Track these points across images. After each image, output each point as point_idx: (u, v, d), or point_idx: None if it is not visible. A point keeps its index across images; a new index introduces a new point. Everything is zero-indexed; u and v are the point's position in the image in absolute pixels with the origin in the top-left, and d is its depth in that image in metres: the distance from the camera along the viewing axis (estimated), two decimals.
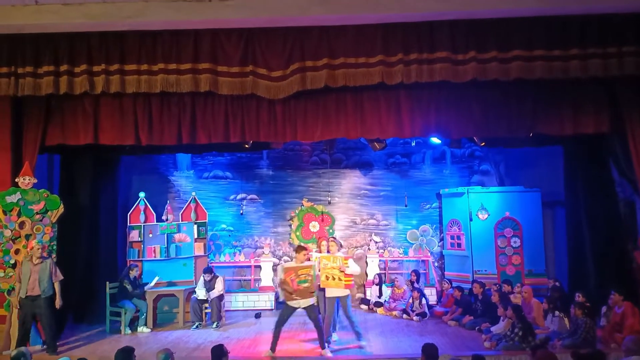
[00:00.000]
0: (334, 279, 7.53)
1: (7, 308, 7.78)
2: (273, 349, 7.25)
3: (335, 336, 7.88)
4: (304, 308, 7.33)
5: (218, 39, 7.55)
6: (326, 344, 7.40)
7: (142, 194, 10.34)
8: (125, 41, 7.58)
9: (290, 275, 7.33)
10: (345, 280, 7.55)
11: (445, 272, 11.38)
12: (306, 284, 7.29)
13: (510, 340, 7.30)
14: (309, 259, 7.84)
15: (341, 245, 7.83)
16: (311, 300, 7.36)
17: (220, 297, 9.43)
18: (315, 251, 8.50)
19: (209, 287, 9.34)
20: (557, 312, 8.06)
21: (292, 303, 7.33)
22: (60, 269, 7.81)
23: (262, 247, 11.40)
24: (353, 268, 7.71)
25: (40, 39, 7.57)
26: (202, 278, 9.48)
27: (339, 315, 8.01)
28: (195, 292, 9.47)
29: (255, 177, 11.84)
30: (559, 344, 7.19)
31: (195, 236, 10.34)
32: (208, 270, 9.48)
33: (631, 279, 8.37)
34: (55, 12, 7.23)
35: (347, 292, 7.59)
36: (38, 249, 7.58)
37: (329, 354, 7.23)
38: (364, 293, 11.22)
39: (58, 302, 7.62)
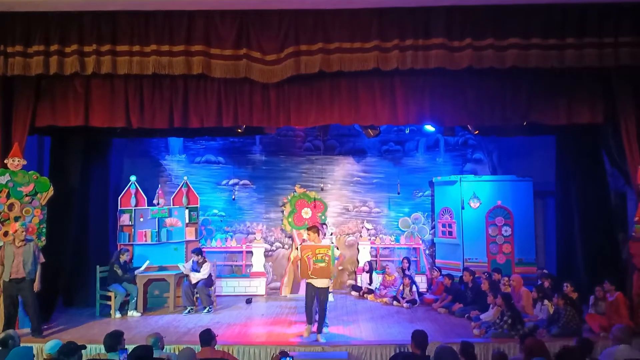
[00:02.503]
0: (316, 270, 7.38)
1: None
2: (310, 322, 7.51)
3: (326, 329, 7.84)
4: (318, 287, 7.36)
5: (212, 20, 7.44)
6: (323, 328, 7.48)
7: (133, 178, 10.26)
8: (117, 21, 7.45)
9: (307, 254, 7.33)
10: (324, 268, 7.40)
11: (436, 260, 11.42)
12: (323, 264, 7.27)
13: (499, 328, 7.36)
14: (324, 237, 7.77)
15: (319, 232, 7.72)
16: (327, 282, 7.40)
17: (209, 283, 9.42)
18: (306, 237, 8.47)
19: (199, 270, 9.32)
20: (545, 301, 8.13)
21: (310, 281, 7.39)
22: (45, 253, 7.76)
23: (254, 233, 11.38)
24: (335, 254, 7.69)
25: (31, 17, 7.43)
26: (192, 259, 9.46)
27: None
28: (182, 266, 9.45)
29: (247, 163, 11.78)
30: (545, 332, 7.27)
31: (187, 221, 10.30)
32: (198, 251, 9.46)
33: (621, 269, 8.43)
34: None
35: (326, 282, 7.48)
36: (22, 231, 7.49)
37: (322, 340, 7.25)
38: (355, 280, 11.26)
39: (37, 286, 7.57)
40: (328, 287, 7.55)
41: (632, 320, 7.22)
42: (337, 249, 8.41)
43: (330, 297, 9.13)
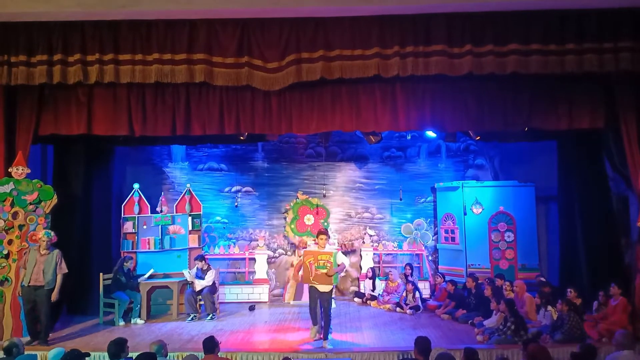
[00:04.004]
0: (317, 276, 7.42)
1: (0, 299, 7.75)
2: (315, 323, 7.57)
3: (329, 336, 7.84)
4: (321, 292, 7.41)
5: (213, 29, 7.49)
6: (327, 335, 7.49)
7: (136, 185, 10.30)
8: (119, 31, 7.51)
9: (309, 259, 7.41)
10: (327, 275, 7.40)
11: (439, 266, 11.41)
12: (324, 270, 7.33)
13: (502, 334, 7.35)
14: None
15: (328, 237, 7.80)
16: (329, 287, 7.43)
17: (213, 290, 9.42)
18: (314, 243, 8.50)
19: (204, 277, 9.33)
20: (549, 307, 8.11)
21: (313, 285, 7.45)
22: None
23: (257, 240, 11.39)
24: (342, 261, 7.71)
25: (34, 27, 7.50)
26: (196, 267, 9.47)
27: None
28: (187, 273, 9.46)
29: (250, 170, 11.81)
30: (549, 338, 7.25)
31: (190, 228, 10.32)
32: (201, 257, 9.48)
33: (623, 274, 8.41)
34: (49, 0, 7.15)
35: (328, 288, 7.48)
36: (44, 241, 7.53)
37: (328, 346, 7.26)
38: (358, 286, 11.26)
39: (55, 295, 7.57)
40: (330, 292, 7.55)
41: (631, 325, 7.19)
42: (345, 255, 8.42)
43: (333, 304, 9.12)
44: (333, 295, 8.24)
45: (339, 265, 7.45)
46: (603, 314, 7.65)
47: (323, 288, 7.43)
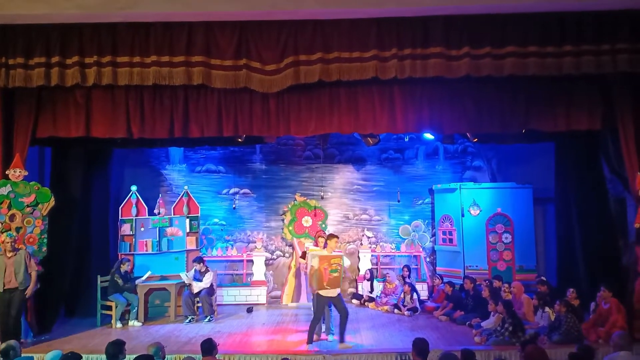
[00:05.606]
0: (330, 280, 7.42)
1: None
2: (310, 341, 7.42)
3: (331, 337, 7.87)
4: (331, 297, 7.42)
5: (212, 31, 7.50)
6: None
7: (134, 187, 10.29)
8: (117, 33, 7.51)
9: (324, 264, 7.36)
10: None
11: (437, 268, 11.42)
12: (336, 274, 7.35)
13: (500, 336, 7.36)
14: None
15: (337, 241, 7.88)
16: (338, 291, 7.45)
17: (211, 292, 9.42)
18: (313, 245, 8.52)
19: (202, 279, 9.33)
20: (546, 308, 8.13)
21: (323, 292, 7.40)
22: (46, 263, 7.76)
23: (255, 242, 11.38)
24: (345, 263, 7.76)
25: (32, 29, 7.49)
26: (193, 269, 9.47)
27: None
28: (184, 276, 9.45)
29: (248, 172, 11.80)
30: (547, 339, 7.26)
31: (188, 230, 10.31)
32: (199, 259, 9.48)
33: (620, 275, 8.42)
34: (48, 2, 7.15)
35: (338, 291, 7.51)
36: (8, 242, 7.48)
37: (350, 345, 7.37)
38: (356, 288, 11.26)
39: (29, 291, 7.53)
40: (340, 294, 7.56)
41: (627, 325, 7.21)
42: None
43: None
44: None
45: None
46: (596, 317, 7.65)
47: (333, 292, 7.44)
